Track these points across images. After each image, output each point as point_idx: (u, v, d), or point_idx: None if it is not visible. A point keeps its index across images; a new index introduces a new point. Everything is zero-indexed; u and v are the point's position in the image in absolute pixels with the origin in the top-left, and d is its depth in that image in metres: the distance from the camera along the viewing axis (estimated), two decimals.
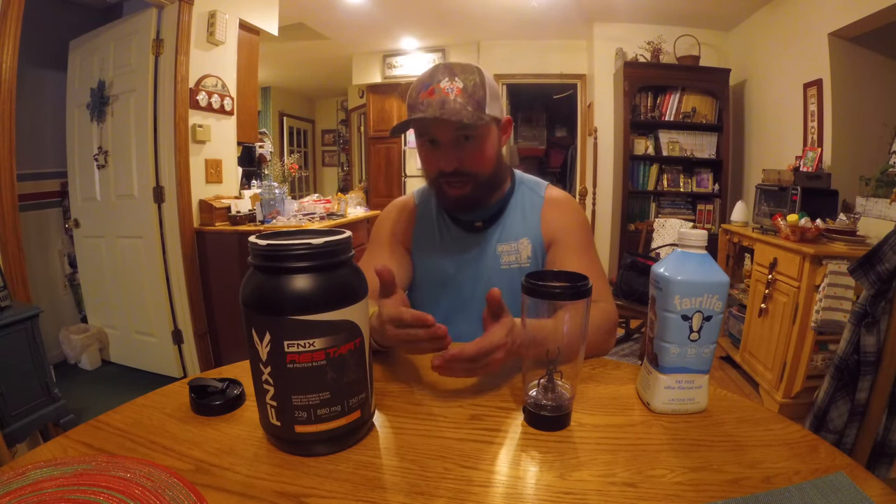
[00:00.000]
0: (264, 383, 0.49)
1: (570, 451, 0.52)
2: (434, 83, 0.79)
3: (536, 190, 0.97)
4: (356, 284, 0.51)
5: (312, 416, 0.49)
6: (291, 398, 0.49)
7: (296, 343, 0.47)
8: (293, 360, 0.47)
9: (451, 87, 0.78)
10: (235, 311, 2.78)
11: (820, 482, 0.45)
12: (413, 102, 0.82)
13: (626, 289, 2.53)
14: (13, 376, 1.58)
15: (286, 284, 0.47)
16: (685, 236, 0.59)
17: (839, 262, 1.84)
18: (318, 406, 0.49)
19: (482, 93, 0.81)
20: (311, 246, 0.47)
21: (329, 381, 0.49)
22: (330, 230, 0.52)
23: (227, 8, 2.63)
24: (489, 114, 0.81)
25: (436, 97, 0.78)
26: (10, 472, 0.45)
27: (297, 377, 0.48)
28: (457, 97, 0.78)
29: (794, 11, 2.95)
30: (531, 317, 0.56)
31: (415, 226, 0.98)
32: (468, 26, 4.27)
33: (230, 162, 2.80)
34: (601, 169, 4.17)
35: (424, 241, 0.97)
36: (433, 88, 0.79)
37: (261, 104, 5.86)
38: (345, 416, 0.51)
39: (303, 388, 0.48)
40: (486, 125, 0.83)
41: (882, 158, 2.39)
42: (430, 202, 1.00)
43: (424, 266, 0.97)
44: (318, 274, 0.48)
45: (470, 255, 0.94)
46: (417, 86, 0.82)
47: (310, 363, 0.48)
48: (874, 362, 1.16)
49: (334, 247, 0.49)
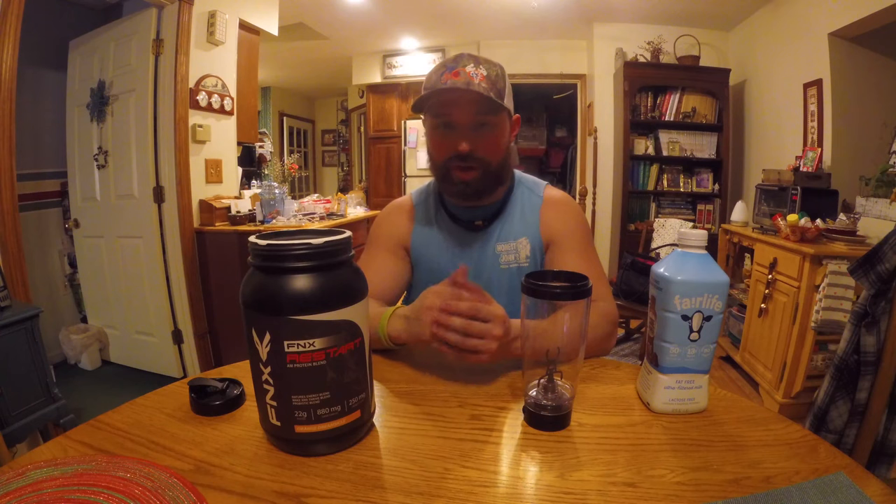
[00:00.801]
0: (264, 383, 0.49)
1: (570, 451, 0.52)
2: (459, 66, 0.81)
3: (535, 190, 0.98)
4: (356, 284, 0.51)
5: (312, 416, 0.49)
6: (291, 398, 0.48)
7: (296, 343, 0.47)
8: (293, 360, 0.47)
9: (475, 72, 0.81)
10: (235, 311, 2.77)
11: (820, 482, 0.45)
12: (433, 83, 0.83)
13: (626, 289, 2.53)
14: (13, 376, 1.58)
15: (286, 284, 0.47)
16: (685, 236, 0.59)
17: (839, 262, 1.84)
18: (318, 406, 0.49)
19: (502, 84, 0.84)
20: (311, 246, 0.47)
21: (329, 381, 0.49)
22: (330, 230, 0.52)
23: (227, 8, 2.63)
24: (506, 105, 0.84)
25: (461, 78, 0.80)
26: (10, 472, 0.45)
27: (297, 377, 0.48)
28: (481, 82, 0.80)
29: (794, 11, 2.95)
30: (531, 317, 0.56)
31: (413, 226, 0.98)
32: (468, 26, 4.27)
33: (230, 162, 2.80)
34: (601, 169, 4.17)
35: (424, 241, 0.97)
36: (458, 71, 0.81)
37: (261, 104, 5.86)
38: (345, 416, 0.51)
39: (303, 388, 0.48)
40: (502, 115, 0.85)
41: (882, 158, 2.39)
42: (428, 202, 0.99)
43: (424, 266, 0.97)
44: (318, 274, 0.48)
45: (469, 255, 0.94)
46: (439, 69, 0.83)
47: (310, 363, 0.47)
48: (874, 362, 1.16)
49: (334, 247, 0.49)
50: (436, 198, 0.99)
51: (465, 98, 0.81)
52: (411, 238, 0.98)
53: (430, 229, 0.97)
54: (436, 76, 0.83)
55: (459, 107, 0.82)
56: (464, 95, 0.80)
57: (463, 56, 0.83)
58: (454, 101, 0.82)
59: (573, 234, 0.92)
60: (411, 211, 1.00)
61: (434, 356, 0.76)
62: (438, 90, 0.81)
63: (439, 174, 0.91)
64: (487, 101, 0.80)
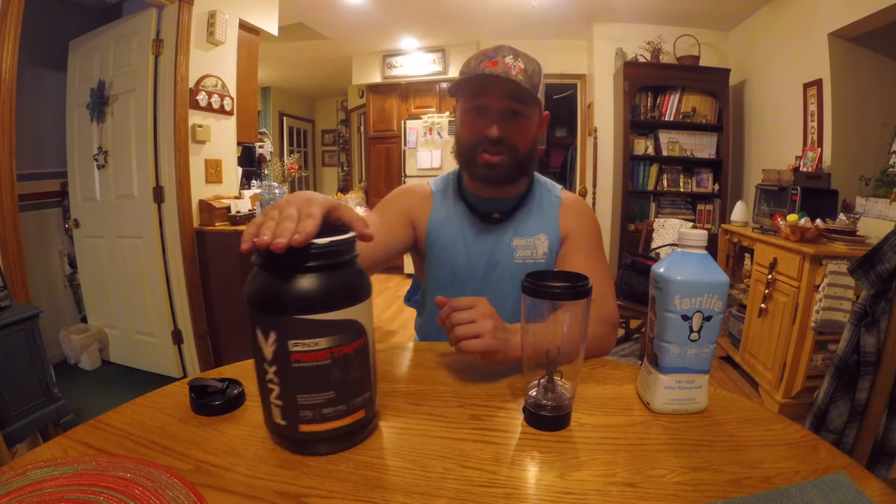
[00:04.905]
0: (269, 382, 0.49)
1: (570, 451, 0.52)
2: (499, 56, 0.83)
3: (553, 190, 1.01)
4: (360, 284, 0.51)
5: (318, 415, 0.49)
6: (296, 397, 0.49)
7: (301, 342, 0.47)
8: (298, 360, 0.47)
9: (513, 63, 0.83)
10: (235, 311, 2.77)
11: (820, 482, 0.45)
12: (472, 69, 0.85)
13: (626, 289, 2.53)
14: (13, 376, 1.58)
15: (292, 284, 0.47)
16: (685, 236, 0.59)
17: (839, 262, 1.84)
18: (324, 405, 0.49)
19: (538, 80, 0.86)
20: (317, 246, 0.47)
21: (334, 380, 0.49)
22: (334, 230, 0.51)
23: (227, 8, 2.63)
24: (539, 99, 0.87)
25: (500, 67, 0.82)
26: (10, 472, 0.45)
27: (302, 376, 0.48)
28: (518, 74, 0.82)
29: (794, 11, 2.95)
30: (531, 316, 0.56)
31: (431, 211, 0.99)
32: (468, 26, 4.27)
33: (230, 162, 2.80)
34: (601, 169, 4.17)
35: (439, 228, 0.97)
36: (497, 60, 0.83)
37: (261, 104, 5.86)
38: (349, 416, 0.51)
39: (308, 387, 0.48)
40: (534, 107, 0.88)
41: (882, 158, 2.39)
42: (447, 191, 1.01)
43: (437, 254, 0.97)
44: (323, 274, 0.48)
45: (485, 246, 0.95)
46: (479, 56, 0.85)
47: (315, 362, 0.48)
48: (874, 362, 1.16)
49: (339, 247, 0.49)
50: (455, 187, 1.00)
51: (500, 85, 0.83)
52: (428, 223, 0.98)
53: (447, 217, 0.98)
54: (474, 62, 0.85)
55: (494, 93, 0.84)
56: (500, 82, 0.82)
57: (503, 48, 0.85)
58: (489, 86, 0.84)
59: (586, 235, 0.95)
60: (430, 196, 1.01)
61: (434, 356, 0.76)
62: (476, 75, 0.83)
63: (466, 157, 0.92)
64: (522, 90, 0.82)
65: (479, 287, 0.95)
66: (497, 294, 0.92)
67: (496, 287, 0.94)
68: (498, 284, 0.94)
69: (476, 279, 0.95)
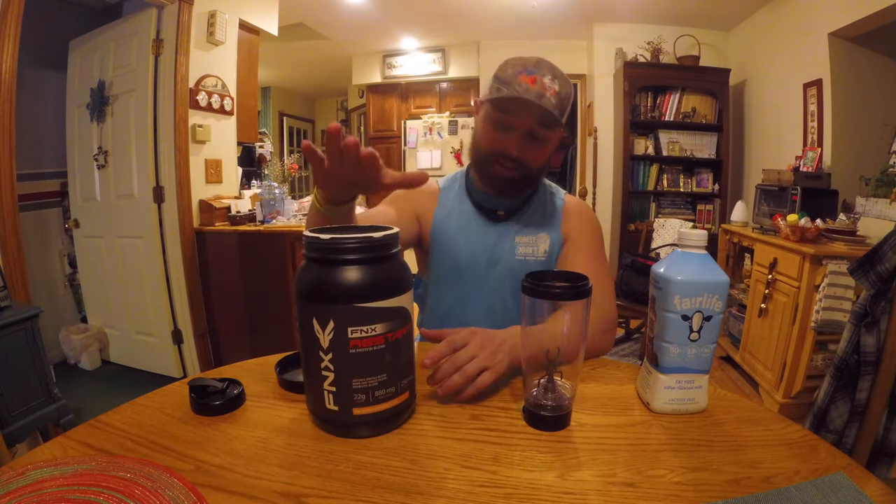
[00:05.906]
0: (324, 370, 0.52)
1: (570, 451, 0.52)
2: (538, 74, 0.83)
3: (557, 193, 1.03)
4: (406, 275, 0.56)
5: (370, 397, 0.53)
6: (352, 382, 0.52)
7: (359, 329, 0.51)
8: (356, 346, 0.51)
9: (550, 85, 0.83)
10: (235, 311, 2.77)
11: (820, 482, 0.45)
12: (509, 78, 0.84)
13: (626, 289, 2.53)
14: (13, 376, 1.58)
15: (350, 275, 0.51)
16: (685, 236, 0.59)
17: (839, 262, 1.84)
18: (377, 388, 0.53)
19: (567, 104, 0.87)
20: (372, 240, 0.52)
21: (386, 364, 0.53)
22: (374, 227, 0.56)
23: (227, 8, 2.63)
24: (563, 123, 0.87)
25: (536, 87, 0.82)
26: (10, 472, 0.45)
27: (358, 361, 0.52)
28: (551, 96, 0.83)
29: (794, 11, 2.95)
30: (531, 316, 0.56)
31: (437, 206, 1.01)
32: (468, 26, 4.27)
33: (230, 162, 2.80)
34: (601, 169, 4.17)
35: (444, 222, 0.99)
36: (535, 78, 0.83)
37: (261, 104, 5.86)
38: (398, 397, 0.55)
39: (363, 371, 0.52)
40: (557, 130, 0.89)
41: (882, 158, 2.39)
42: (453, 188, 1.03)
43: (441, 247, 0.98)
44: (376, 265, 0.53)
45: (487, 243, 0.96)
46: (518, 66, 0.85)
47: (371, 347, 0.52)
48: (874, 362, 1.16)
49: (389, 240, 0.54)
50: (462, 185, 1.02)
51: (532, 110, 0.83)
52: (433, 217, 1.00)
53: (452, 211, 1.00)
54: (512, 71, 0.84)
55: (523, 115, 0.85)
56: (532, 108, 0.82)
57: (543, 63, 0.85)
58: (521, 108, 0.84)
59: (587, 237, 0.96)
60: (437, 192, 1.03)
61: None
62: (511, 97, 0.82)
63: (480, 160, 0.93)
64: (551, 117, 0.83)
65: (480, 282, 0.96)
66: (497, 289, 0.95)
67: (496, 282, 0.96)
68: (498, 280, 0.96)
69: (477, 274, 0.96)
